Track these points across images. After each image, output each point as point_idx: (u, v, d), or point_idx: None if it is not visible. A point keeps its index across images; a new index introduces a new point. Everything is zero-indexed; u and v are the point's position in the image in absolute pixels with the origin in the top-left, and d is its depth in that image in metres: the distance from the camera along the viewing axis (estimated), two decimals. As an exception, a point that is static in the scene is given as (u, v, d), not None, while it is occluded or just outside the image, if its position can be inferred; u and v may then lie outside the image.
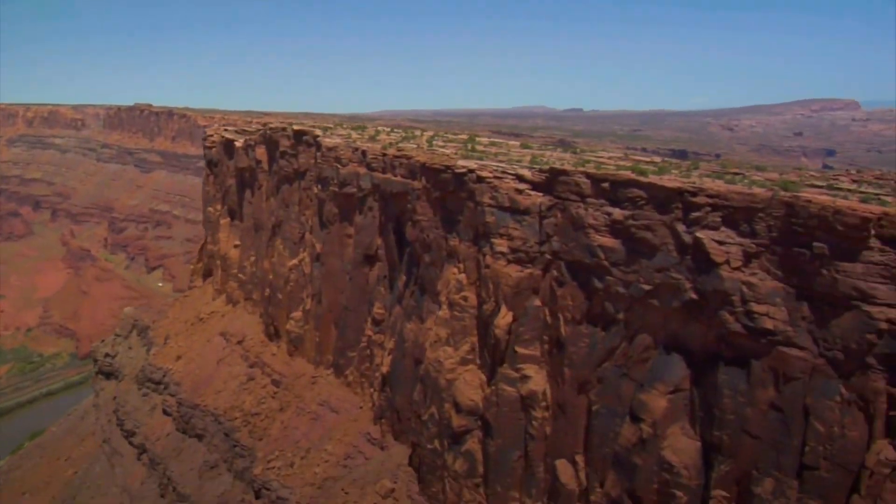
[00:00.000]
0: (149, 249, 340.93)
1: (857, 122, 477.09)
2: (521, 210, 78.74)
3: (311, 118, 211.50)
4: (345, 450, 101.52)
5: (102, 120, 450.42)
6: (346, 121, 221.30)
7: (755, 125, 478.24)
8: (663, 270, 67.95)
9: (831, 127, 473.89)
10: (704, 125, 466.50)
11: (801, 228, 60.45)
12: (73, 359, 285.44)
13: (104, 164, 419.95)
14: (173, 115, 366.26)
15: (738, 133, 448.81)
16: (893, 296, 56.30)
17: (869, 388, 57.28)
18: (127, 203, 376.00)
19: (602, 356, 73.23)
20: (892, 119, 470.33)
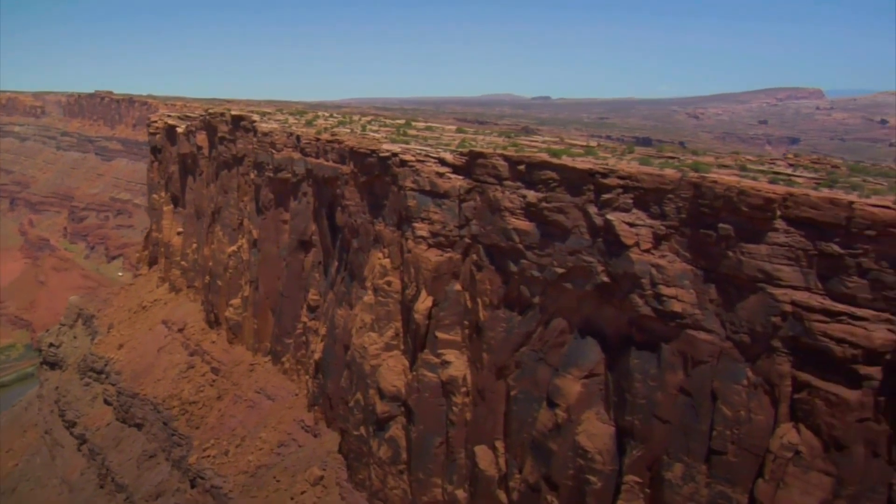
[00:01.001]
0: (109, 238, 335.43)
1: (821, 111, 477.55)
2: (442, 194, 76.71)
3: (274, 105, 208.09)
4: (279, 437, 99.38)
5: (62, 107, 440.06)
6: (312, 108, 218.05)
7: (721, 113, 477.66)
8: (576, 253, 66.14)
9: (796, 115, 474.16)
10: (671, 113, 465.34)
11: (707, 210, 58.80)
12: (28, 350, 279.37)
13: (64, 152, 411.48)
14: (134, 103, 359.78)
15: (704, 121, 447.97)
16: (798, 277, 54.71)
17: (774, 371, 55.82)
18: (87, 192, 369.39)
19: (519, 341, 71.44)
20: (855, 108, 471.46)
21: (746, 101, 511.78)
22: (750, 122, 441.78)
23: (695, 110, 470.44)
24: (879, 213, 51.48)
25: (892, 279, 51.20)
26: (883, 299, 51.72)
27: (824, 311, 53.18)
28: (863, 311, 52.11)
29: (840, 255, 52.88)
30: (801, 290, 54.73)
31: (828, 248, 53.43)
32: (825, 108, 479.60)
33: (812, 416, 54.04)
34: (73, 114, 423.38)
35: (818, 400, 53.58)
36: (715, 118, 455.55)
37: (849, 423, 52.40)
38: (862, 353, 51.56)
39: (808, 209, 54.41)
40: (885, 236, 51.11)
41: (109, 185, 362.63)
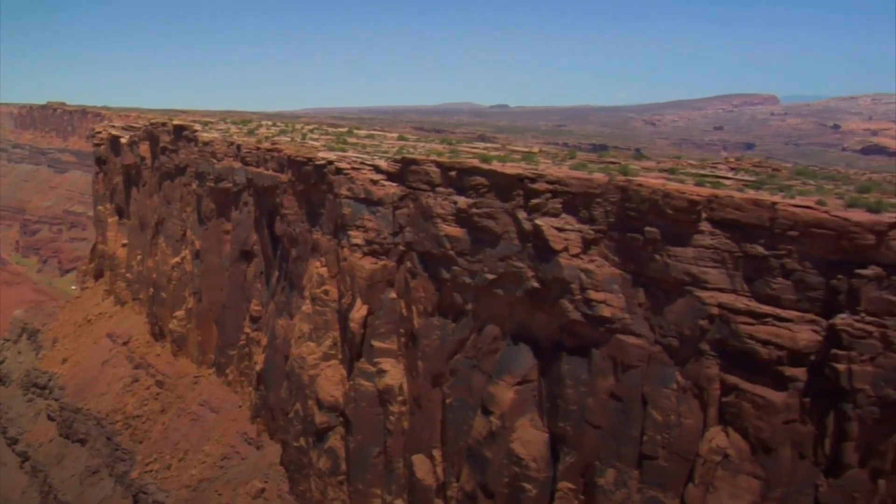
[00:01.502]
0: (62, 252, 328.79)
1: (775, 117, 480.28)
2: (376, 201, 75.29)
3: (230, 115, 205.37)
4: (222, 450, 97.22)
5: (14, 119, 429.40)
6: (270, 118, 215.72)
7: (677, 120, 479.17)
8: (506, 259, 64.93)
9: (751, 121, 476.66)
10: (628, 120, 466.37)
11: (634, 213, 57.87)
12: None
13: (16, 164, 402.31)
14: (87, 114, 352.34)
15: (661, 128, 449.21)
16: (724, 279, 53.90)
17: (703, 374, 54.94)
18: (40, 204, 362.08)
19: (453, 348, 70.07)
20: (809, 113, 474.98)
21: (702, 108, 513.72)
22: (706, 129, 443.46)
23: (651, 117, 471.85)
24: (801, 213, 50.76)
25: (816, 279, 50.52)
26: (807, 300, 51.03)
27: (750, 312, 52.41)
28: (787, 312, 51.41)
29: (764, 257, 52.14)
30: (728, 292, 53.93)
31: (752, 249, 52.67)
32: (779, 113, 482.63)
33: (740, 419, 53.22)
34: (24, 125, 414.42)
35: (745, 402, 52.78)
36: (671, 125, 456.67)
37: (775, 425, 51.61)
38: (787, 355, 50.86)
39: (732, 211, 53.60)
40: (807, 236, 50.41)
41: (62, 198, 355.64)
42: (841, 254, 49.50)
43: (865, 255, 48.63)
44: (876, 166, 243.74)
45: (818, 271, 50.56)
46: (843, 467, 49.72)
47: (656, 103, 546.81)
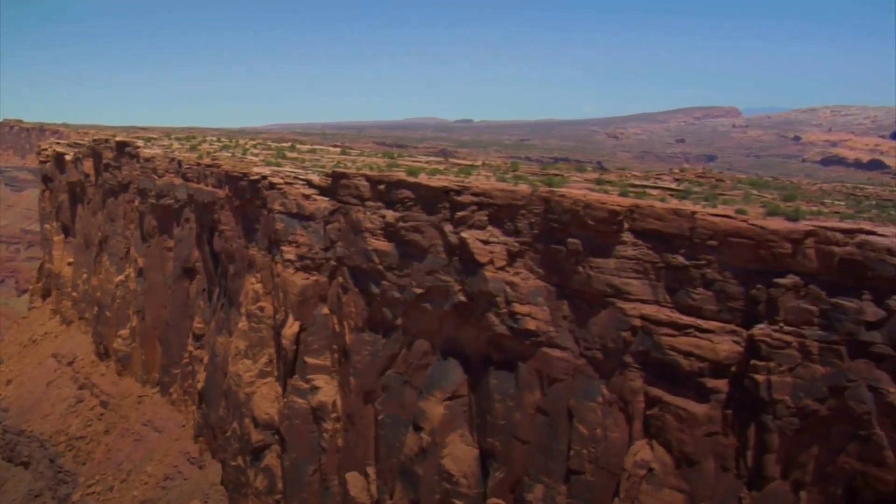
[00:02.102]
0: (19, 271, 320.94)
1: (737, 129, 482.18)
2: (307, 216, 73.42)
3: (190, 132, 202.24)
4: (165, 471, 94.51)
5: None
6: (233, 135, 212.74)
7: (640, 133, 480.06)
8: (433, 273, 63.22)
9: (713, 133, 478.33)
10: (591, 133, 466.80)
11: (556, 224, 56.36)
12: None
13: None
14: (45, 132, 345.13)
15: (623, 141, 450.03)
16: (647, 290, 52.46)
17: (627, 387, 53.39)
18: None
19: (384, 364, 68.21)
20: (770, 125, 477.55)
21: (665, 121, 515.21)
22: (668, 141, 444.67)
23: (614, 130, 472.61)
24: (720, 222, 49.45)
25: (736, 289, 49.18)
26: (728, 310, 49.69)
27: (672, 324, 50.98)
28: (709, 323, 50.04)
29: (685, 267, 50.79)
30: (651, 303, 52.52)
31: (674, 259, 51.32)
32: (741, 125, 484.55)
33: (664, 432, 51.70)
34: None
35: (668, 415, 51.28)
36: (634, 137, 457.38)
37: (698, 437, 50.13)
38: (708, 366, 49.44)
39: (653, 221, 52.24)
40: (726, 246, 49.10)
41: (20, 217, 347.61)
42: (760, 263, 48.20)
43: (783, 264, 47.32)
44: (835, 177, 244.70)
45: (738, 281, 49.23)
46: (765, 479, 48.22)
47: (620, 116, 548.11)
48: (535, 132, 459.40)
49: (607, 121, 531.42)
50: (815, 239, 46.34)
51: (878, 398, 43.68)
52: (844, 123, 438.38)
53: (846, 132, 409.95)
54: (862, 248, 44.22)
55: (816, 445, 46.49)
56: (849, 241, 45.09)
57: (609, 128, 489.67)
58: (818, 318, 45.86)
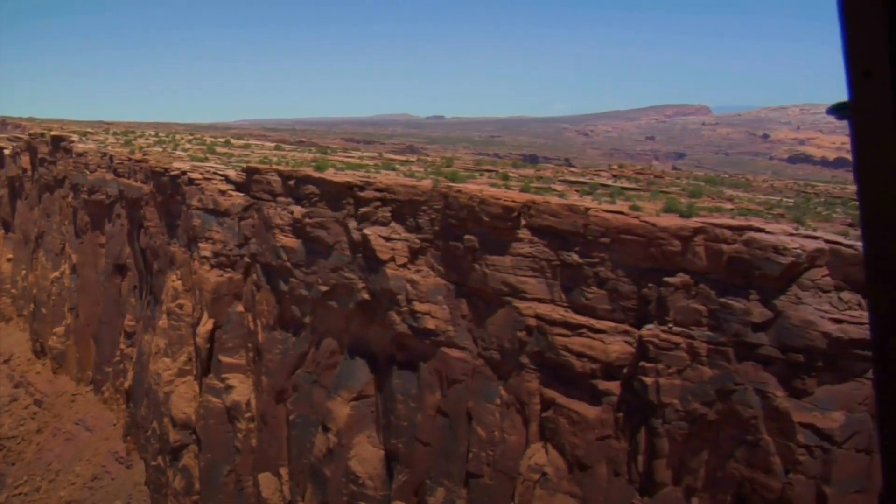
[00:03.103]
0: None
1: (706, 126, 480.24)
2: (223, 212, 70.41)
3: (157, 127, 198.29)
4: (93, 470, 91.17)
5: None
6: (202, 130, 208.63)
7: (611, 130, 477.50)
8: (338, 270, 60.30)
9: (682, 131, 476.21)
10: (561, 131, 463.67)
11: (454, 221, 53.43)
12: None
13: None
14: (7, 125, 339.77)
15: (593, 138, 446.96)
16: (543, 289, 49.64)
17: (524, 389, 50.58)
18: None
19: (294, 363, 65.27)
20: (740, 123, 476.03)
21: (635, 119, 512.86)
22: (638, 139, 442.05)
23: (584, 128, 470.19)
24: (612, 219, 46.71)
25: (629, 288, 46.49)
26: (621, 310, 47.00)
27: (565, 324, 48.25)
28: (602, 322, 47.31)
29: (579, 265, 48.04)
30: (546, 302, 49.77)
31: (568, 257, 48.58)
32: (711, 123, 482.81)
33: (558, 436, 48.99)
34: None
35: (562, 418, 48.57)
36: (604, 135, 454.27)
37: (590, 441, 47.42)
38: (600, 368, 46.75)
39: (549, 217, 49.48)
40: (618, 244, 46.37)
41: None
42: (651, 261, 45.50)
43: (673, 263, 44.64)
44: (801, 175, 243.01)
45: (631, 280, 46.53)
46: (657, 485, 45.53)
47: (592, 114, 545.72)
48: (506, 129, 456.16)
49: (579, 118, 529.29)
50: (705, 236, 43.68)
51: (765, 402, 41.08)
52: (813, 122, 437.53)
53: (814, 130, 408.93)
54: (749, 245, 41.58)
55: (707, 450, 43.87)
56: (737, 238, 42.47)
57: (580, 125, 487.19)
58: (707, 318, 43.23)
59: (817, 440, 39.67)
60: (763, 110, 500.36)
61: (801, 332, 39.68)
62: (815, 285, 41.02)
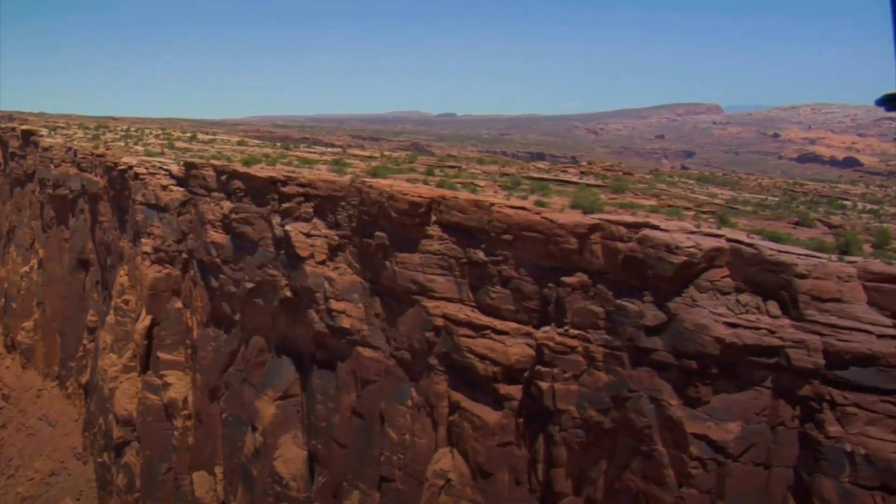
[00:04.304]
0: None
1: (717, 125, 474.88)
2: (163, 207, 68.27)
3: (161, 123, 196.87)
4: (52, 466, 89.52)
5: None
6: (209, 126, 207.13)
7: (621, 129, 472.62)
8: (263, 267, 58.00)
9: (693, 130, 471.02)
10: (572, 129, 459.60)
11: (367, 217, 50.86)
12: None
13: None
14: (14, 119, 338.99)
15: (603, 136, 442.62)
16: (450, 288, 46.98)
17: (433, 391, 47.97)
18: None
19: (226, 360, 63.13)
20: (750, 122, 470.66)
21: (646, 117, 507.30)
22: (648, 137, 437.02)
23: (595, 126, 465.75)
24: (514, 215, 43.94)
25: (531, 288, 43.74)
26: (524, 311, 44.28)
27: (470, 324, 45.55)
28: (505, 324, 44.58)
29: (484, 263, 45.33)
30: (455, 301, 47.10)
31: (475, 255, 45.88)
32: (721, 122, 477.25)
33: (462, 441, 46.31)
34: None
35: (466, 423, 45.91)
36: (614, 133, 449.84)
37: (491, 447, 44.69)
38: (501, 371, 44.00)
39: (456, 213, 46.81)
40: (521, 241, 43.62)
41: None
42: (551, 259, 42.71)
43: (571, 261, 41.85)
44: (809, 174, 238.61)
45: (533, 279, 43.77)
46: (556, 495, 42.71)
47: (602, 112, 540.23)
48: (517, 127, 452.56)
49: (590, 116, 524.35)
50: (601, 234, 40.81)
51: (659, 411, 38.18)
52: (824, 121, 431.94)
53: (825, 130, 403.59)
54: (643, 244, 38.68)
55: (604, 460, 41.04)
56: (632, 236, 39.63)
57: (591, 123, 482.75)
58: (604, 320, 40.42)
59: (711, 452, 36.74)
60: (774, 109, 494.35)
61: (694, 337, 36.81)
62: (713, 287, 38.10)
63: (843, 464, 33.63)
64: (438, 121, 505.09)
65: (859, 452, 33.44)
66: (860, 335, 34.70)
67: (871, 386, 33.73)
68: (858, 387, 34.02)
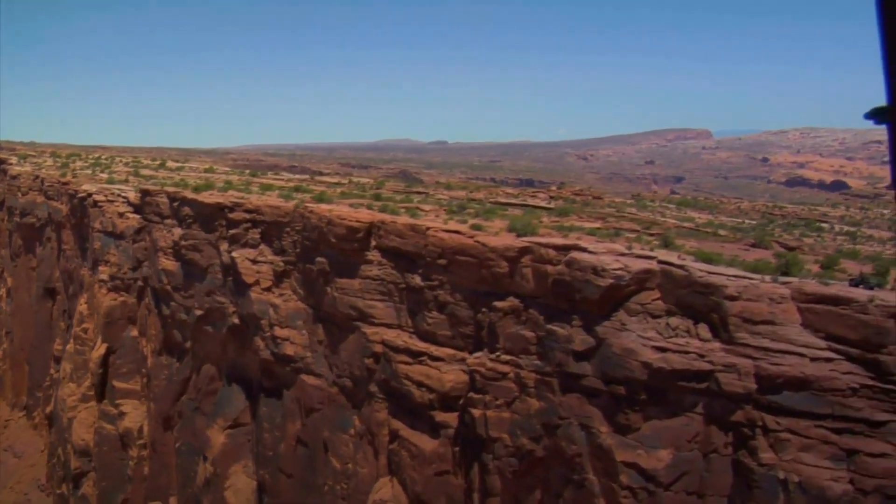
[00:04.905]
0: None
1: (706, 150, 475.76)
2: (119, 234, 67.22)
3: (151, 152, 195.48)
4: (15, 498, 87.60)
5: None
6: (202, 154, 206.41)
7: (611, 155, 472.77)
8: (212, 294, 56.97)
9: (683, 155, 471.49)
10: (563, 155, 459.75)
11: (309, 242, 49.86)
12: None
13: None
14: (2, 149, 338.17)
15: (593, 162, 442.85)
16: (390, 314, 45.95)
17: (374, 419, 46.73)
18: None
19: (179, 389, 61.90)
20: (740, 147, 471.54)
21: (637, 143, 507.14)
22: (638, 163, 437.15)
23: (585, 152, 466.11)
24: (448, 239, 42.98)
25: (466, 313, 42.69)
26: (460, 336, 43.19)
27: (408, 350, 44.51)
28: (441, 350, 43.52)
29: (421, 288, 44.31)
30: (394, 327, 46.08)
31: (412, 280, 44.88)
32: (711, 147, 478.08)
33: (401, 470, 45.09)
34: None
35: (404, 451, 44.73)
36: (604, 159, 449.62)
37: (429, 476, 43.47)
38: (437, 398, 42.87)
39: (395, 238, 45.89)
40: (455, 265, 42.63)
41: None
42: (485, 284, 41.73)
43: (503, 285, 40.86)
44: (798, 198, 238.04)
45: (468, 304, 42.77)
46: (493, 525, 41.55)
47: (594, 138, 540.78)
48: (508, 154, 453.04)
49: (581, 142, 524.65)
50: (531, 257, 39.85)
51: (590, 438, 37.02)
52: (813, 145, 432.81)
53: (814, 153, 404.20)
54: (570, 266, 37.74)
55: (539, 489, 39.83)
56: (561, 258, 38.66)
57: (581, 150, 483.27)
58: (536, 345, 39.39)
59: (642, 481, 35.54)
60: (763, 134, 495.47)
61: (622, 362, 35.73)
62: (644, 310, 37.07)
63: (776, 492, 32.52)
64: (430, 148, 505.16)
65: (793, 480, 32.32)
66: (793, 358, 33.67)
67: (804, 411, 32.63)
68: (792, 412, 32.90)
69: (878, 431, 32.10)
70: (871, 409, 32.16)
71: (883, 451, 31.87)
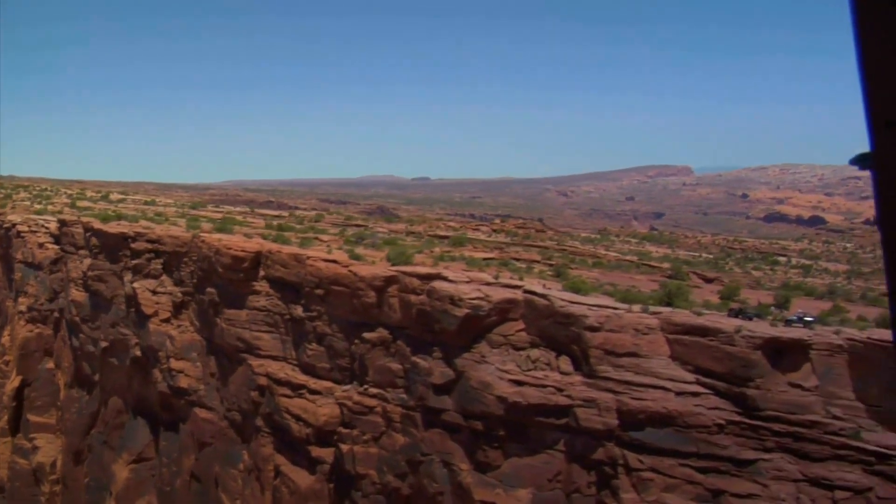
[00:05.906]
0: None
1: (687, 186, 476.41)
2: (37, 265, 65.53)
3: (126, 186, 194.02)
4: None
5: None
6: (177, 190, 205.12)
7: (592, 191, 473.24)
8: (116, 325, 55.20)
9: (663, 191, 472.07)
10: (543, 192, 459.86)
11: (202, 272, 48.29)
12: None
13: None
14: None
15: (573, 198, 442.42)
16: (276, 345, 44.36)
17: (260, 454, 44.88)
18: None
19: (88, 422, 59.91)
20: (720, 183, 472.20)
21: (618, 179, 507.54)
22: (618, 199, 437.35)
23: (566, 188, 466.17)
24: (325, 268, 41.55)
25: (342, 345, 41.13)
26: (337, 368, 41.56)
27: (289, 383, 42.91)
28: (320, 382, 41.88)
29: (302, 319, 42.77)
30: (279, 360, 44.44)
31: (295, 311, 43.34)
32: (691, 183, 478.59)
33: (282, 507, 43.16)
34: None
35: (284, 488, 42.92)
36: (584, 195, 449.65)
37: (305, 513, 41.57)
38: (313, 433, 41.12)
39: (280, 268, 44.43)
40: (332, 295, 41.14)
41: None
42: (357, 314, 40.21)
43: (372, 316, 39.36)
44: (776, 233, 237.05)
45: (344, 335, 41.23)
46: (367, 564, 39.58)
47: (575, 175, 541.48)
48: (489, 190, 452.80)
49: (563, 179, 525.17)
50: (398, 287, 38.38)
51: (451, 476, 35.31)
52: (792, 181, 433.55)
53: (793, 189, 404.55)
54: (431, 296, 36.25)
55: (407, 527, 38.05)
56: (424, 288, 37.15)
57: (563, 186, 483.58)
58: (402, 378, 37.80)
59: (500, 520, 33.84)
60: (744, 170, 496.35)
61: (479, 396, 34.14)
62: (507, 341, 35.53)
63: (641, 533, 30.86)
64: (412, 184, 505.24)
65: (656, 521, 30.73)
66: (657, 392, 32.13)
67: (668, 448, 31.00)
68: (655, 449, 31.28)
69: (745, 470, 30.53)
70: (738, 447, 30.60)
71: (749, 491, 30.30)
